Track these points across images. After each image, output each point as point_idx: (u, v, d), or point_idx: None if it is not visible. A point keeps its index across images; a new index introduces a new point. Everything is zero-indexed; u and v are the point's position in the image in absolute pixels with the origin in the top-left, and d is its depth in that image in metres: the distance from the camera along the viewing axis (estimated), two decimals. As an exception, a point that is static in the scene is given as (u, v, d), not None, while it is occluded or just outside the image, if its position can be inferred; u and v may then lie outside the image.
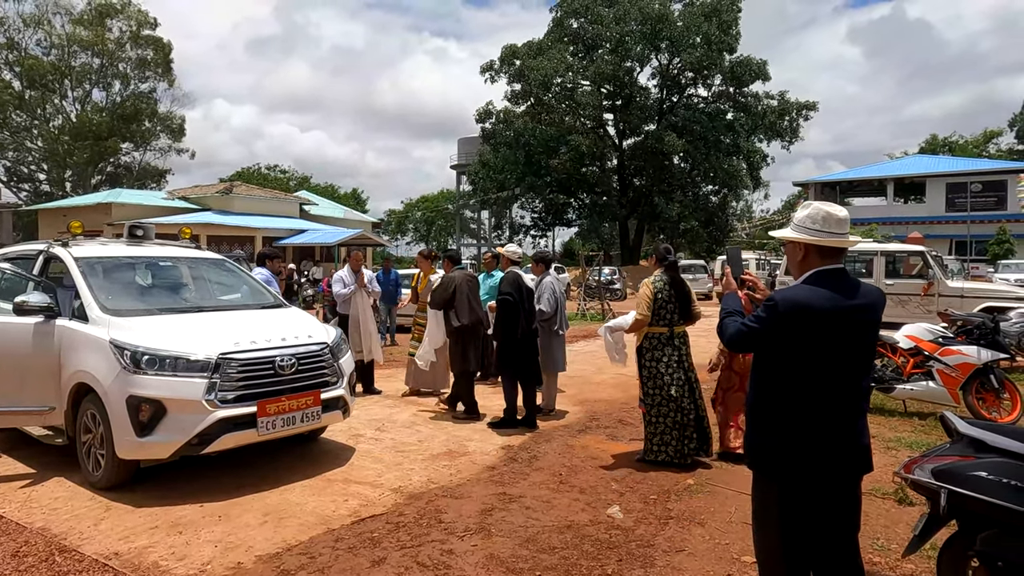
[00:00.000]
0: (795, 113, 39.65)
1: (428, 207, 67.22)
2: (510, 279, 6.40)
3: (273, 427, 4.47)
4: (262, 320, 5.13)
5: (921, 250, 12.47)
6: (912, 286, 11.93)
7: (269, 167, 59.39)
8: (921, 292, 11.84)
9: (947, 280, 12.17)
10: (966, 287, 11.98)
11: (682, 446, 5.08)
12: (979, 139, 56.34)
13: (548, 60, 36.02)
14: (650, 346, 5.18)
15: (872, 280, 12.62)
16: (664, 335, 5.18)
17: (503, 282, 6.42)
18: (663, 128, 37.26)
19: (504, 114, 39.48)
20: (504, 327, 6.29)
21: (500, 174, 40.89)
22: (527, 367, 6.36)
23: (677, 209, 37.00)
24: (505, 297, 6.28)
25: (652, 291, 5.19)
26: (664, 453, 5.09)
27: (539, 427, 6.23)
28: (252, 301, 5.71)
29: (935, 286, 11.77)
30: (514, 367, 6.29)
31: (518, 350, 6.28)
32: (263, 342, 4.60)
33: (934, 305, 11.69)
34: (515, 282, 6.39)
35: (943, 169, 39.42)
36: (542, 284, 8.03)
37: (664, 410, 5.09)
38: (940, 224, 36.34)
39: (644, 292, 5.27)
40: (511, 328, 6.27)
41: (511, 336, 6.27)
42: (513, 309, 6.28)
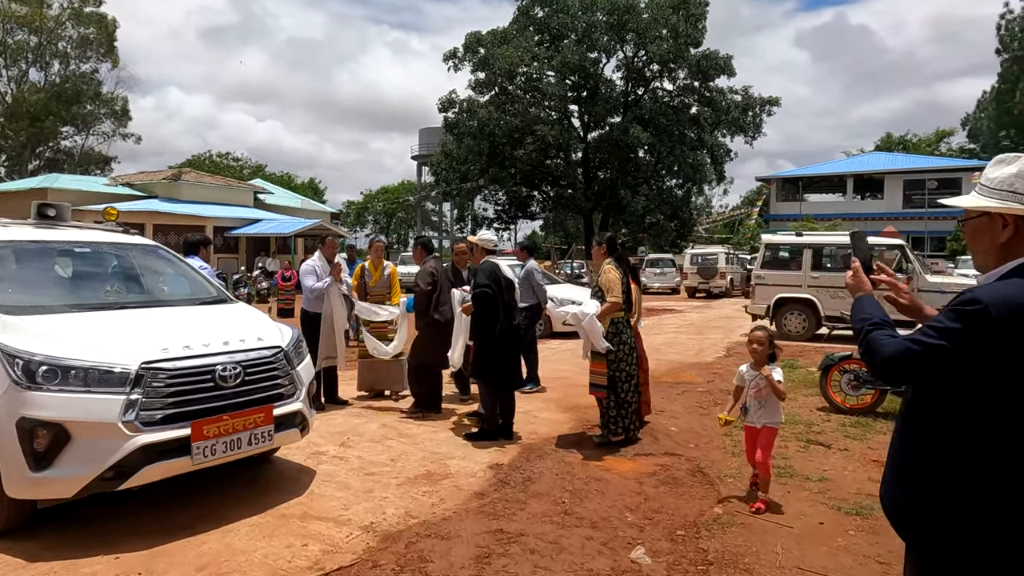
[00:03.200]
0: (758, 108, 39.63)
1: (388, 198, 65.72)
2: (487, 270, 5.60)
3: (212, 453, 3.59)
4: (201, 319, 4.22)
5: (900, 243, 12.11)
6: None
7: (221, 155, 56.99)
8: None
9: (926, 275, 11.86)
10: (945, 282, 11.66)
11: (629, 423, 5.31)
12: (931, 138, 57.75)
13: (514, 49, 35.23)
14: (616, 331, 5.25)
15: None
16: (624, 319, 5.34)
17: (479, 274, 5.62)
18: (629, 120, 36.83)
19: (467, 103, 38.48)
20: (482, 325, 5.50)
21: (463, 165, 39.93)
22: (508, 370, 5.59)
23: (643, 202, 36.66)
24: (483, 290, 5.48)
25: (619, 275, 5.28)
26: (619, 432, 5.27)
27: (518, 437, 5.50)
28: (190, 295, 4.78)
29: (915, 281, 11.42)
30: (494, 371, 5.51)
31: (498, 351, 5.50)
32: (200, 347, 3.70)
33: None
34: (492, 273, 5.60)
35: (900, 166, 40.09)
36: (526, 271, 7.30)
37: (625, 389, 5.25)
38: (898, 220, 36.63)
39: (612, 277, 5.26)
40: (490, 326, 5.48)
41: (490, 335, 5.48)
42: (491, 304, 5.49)
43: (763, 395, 4.08)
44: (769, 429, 4.11)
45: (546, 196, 42.58)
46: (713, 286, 23.28)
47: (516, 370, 5.70)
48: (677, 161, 37.25)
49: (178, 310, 4.33)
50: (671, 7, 35.51)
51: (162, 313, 4.19)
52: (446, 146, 40.63)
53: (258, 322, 4.38)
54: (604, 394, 5.18)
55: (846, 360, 6.51)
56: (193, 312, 4.35)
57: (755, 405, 4.12)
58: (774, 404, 4.10)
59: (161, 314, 4.16)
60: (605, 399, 5.22)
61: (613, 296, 5.13)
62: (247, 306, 4.77)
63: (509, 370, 5.61)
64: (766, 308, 12.38)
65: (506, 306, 5.73)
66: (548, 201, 42.68)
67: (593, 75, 38.01)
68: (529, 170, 38.75)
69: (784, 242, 13.07)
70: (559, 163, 40.20)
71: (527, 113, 37.25)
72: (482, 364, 5.53)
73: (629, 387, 5.26)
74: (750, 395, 4.15)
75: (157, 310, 4.23)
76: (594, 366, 5.21)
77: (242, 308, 4.69)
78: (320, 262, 6.47)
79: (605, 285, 5.20)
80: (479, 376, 5.66)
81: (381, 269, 6.98)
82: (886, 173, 39.62)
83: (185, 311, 4.35)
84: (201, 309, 4.46)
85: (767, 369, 4.04)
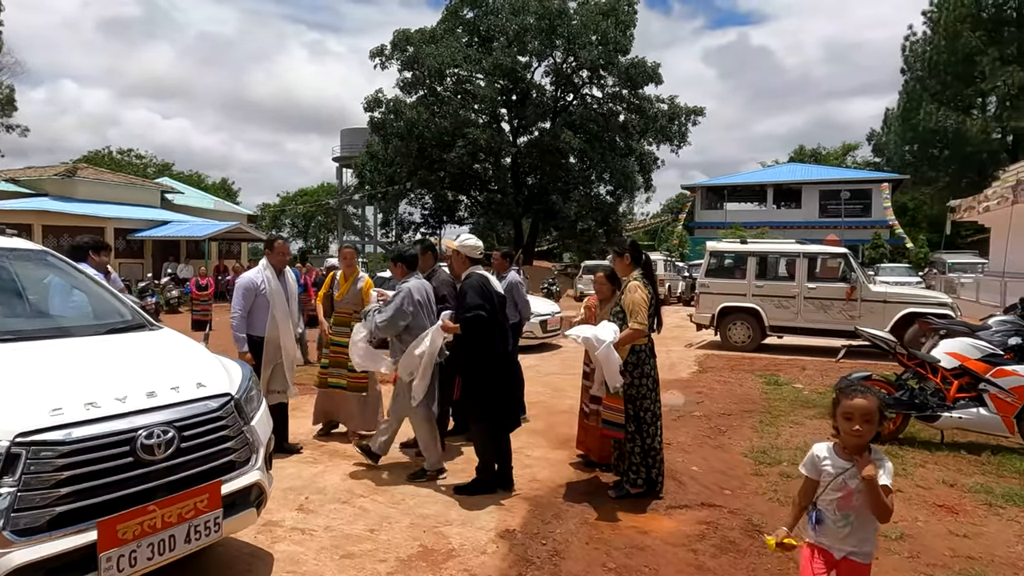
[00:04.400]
0: (683, 118, 40.28)
1: (307, 201, 62.89)
2: (475, 285, 4.54)
3: (132, 563, 2.40)
4: (111, 357, 2.99)
5: (844, 252, 11.93)
6: (834, 290, 11.32)
7: (122, 151, 52.75)
8: (845, 296, 11.26)
9: (870, 284, 11.71)
10: (889, 292, 11.54)
11: (657, 473, 4.43)
12: (838, 151, 60.91)
13: (444, 48, 34.19)
14: (638, 361, 4.37)
15: (795, 283, 12.02)
16: (648, 347, 4.45)
17: (468, 290, 4.55)
18: (559, 126, 36.54)
19: (394, 103, 37.05)
20: (474, 354, 4.47)
21: (390, 167, 38.52)
22: (507, 407, 4.60)
23: (575, 208, 36.45)
24: (477, 313, 4.44)
25: (647, 296, 4.36)
26: (639, 483, 4.36)
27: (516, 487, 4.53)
28: (93, 320, 3.51)
29: (858, 290, 11.24)
30: (490, 408, 4.50)
31: (495, 384, 4.50)
32: (112, 403, 2.51)
33: (856, 311, 11.15)
34: (483, 289, 4.57)
35: (815, 177, 41.73)
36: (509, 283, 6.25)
37: (651, 432, 4.36)
38: (815, 229, 37.95)
39: (639, 298, 4.34)
40: (483, 354, 4.47)
41: (484, 366, 4.47)
42: (486, 328, 4.48)
43: (855, 506, 2.33)
44: (856, 567, 2.35)
45: (475, 201, 41.72)
46: (652, 293, 22.97)
47: (515, 406, 4.70)
48: (608, 167, 37.25)
49: (77, 343, 3.07)
50: (601, 13, 35.54)
51: (53, 349, 2.92)
52: (371, 147, 39.08)
53: (195, 358, 3.18)
54: (622, 435, 4.26)
55: (866, 380, 5.88)
56: (99, 346, 3.10)
57: (837, 519, 2.35)
58: (868, 523, 2.35)
59: (52, 351, 2.90)
60: (626, 442, 4.31)
61: (638, 321, 4.22)
62: (174, 333, 3.54)
63: (508, 407, 4.62)
64: (711, 317, 12.00)
65: (501, 329, 4.74)
66: (477, 206, 41.82)
67: (523, 79, 37.53)
68: (458, 174, 37.77)
69: (729, 250, 12.72)
70: (488, 167, 39.47)
71: (457, 115, 36.24)
72: (474, 401, 4.49)
73: (656, 429, 4.36)
74: (831, 501, 2.36)
75: (45, 345, 2.96)
76: (610, 401, 4.28)
77: (169, 337, 3.45)
78: (266, 272, 5.17)
79: (629, 307, 4.28)
80: (470, 415, 4.62)
81: (352, 280, 5.76)
82: (804, 183, 41.09)
83: (87, 344, 3.09)
84: (111, 341, 3.21)
85: (871, 467, 2.26)
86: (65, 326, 3.32)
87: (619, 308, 4.38)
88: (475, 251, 4.78)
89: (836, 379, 8.92)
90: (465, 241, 4.78)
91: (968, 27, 35.29)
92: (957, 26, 35.43)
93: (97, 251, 4.72)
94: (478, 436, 4.62)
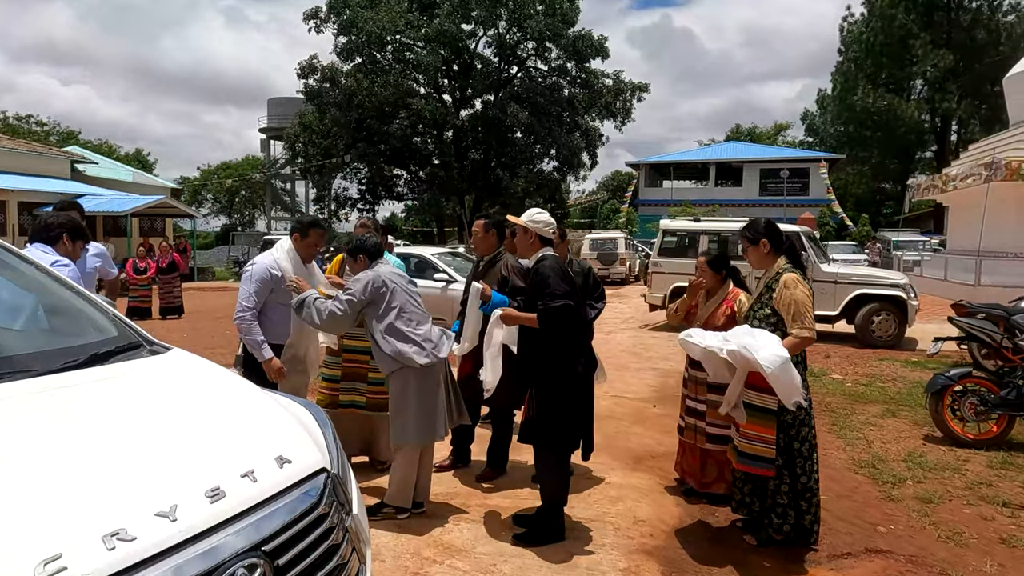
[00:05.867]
0: (629, 94, 39.75)
1: (232, 175, 59.10)
2: (557, 269, 3.48)
3: None
4: (117, 414, 1.74)
5: (795, 231, 11.45)
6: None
7: (20, 117, 47.64)
8: None
9: (821, 264, 11.19)
10: (840, 272, 11.02)
11: (813, 520, 3.40)
12: (770, 131, 62.21)
13: (385, 12, 32.16)
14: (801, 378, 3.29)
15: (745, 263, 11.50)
16: (802, 355, 3.40)
17: (547, 275, 3.44)
18: (506, 99, 35.30)
19: (330, 70, 34.75)
20: (554, 358, 3.42)
21: (326, 139, 36.30)
22: (584, 429, 3.56)
23: (522, 184, 35.46)
24: (565, 302, 3.38)
25: (809, 292, 3.35)
26: (787, 527, 3.37)
27: (620, 529, 3.53)
28: (56, 340, 2.23)
29: (810, 270, 10.79)
30: (566, 430, 3.46)
31: (575, 400, 3.47)
32: (149, 525, 1.31)
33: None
34: (564, 274, 3.53)
35: (755, 156, 42.23)
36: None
37: (807, 468, 3.35)
38: (755, 207, 38.45)
39: (802, 296, 3.30)
40: (567, 360, 3.43)
41: (567, 376, 3.42)
42: (575, 323, 3.44)
43: None
44: None
45: (415, 176, 40.02)
46: (613, 273, 22.34)
47: (591, 428, 3.65)
48: (556, 143, 36.35)
49: (46, 390, 1.78)
50: (548, -19, 34.31)
51: (6, 408, 1.66)
52: (305, 117, 36.70)
53: (251, 405, 1.97)
54: (771, 472, 3.28)
55: (966, 378, 5.18)
56: (87, 392, 1.83)
57: None
58: None
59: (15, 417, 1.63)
60: (768, 479, 3.34)
61: (807, 326, 3.23)
62: (191, 357, 2.29)
63: (585, 428, 3.57)
64: (663, 298, 11.35)
65: (586, 326, 3.71)
66: (417, 181, 40.15)
67: (467, 49, 35.98)
68: (399, 147, 35.99)
69: (681, 228, 12.15)
70: (429, 141, 37.84)
71: (399, 85, 34.37)
72: (550, 421, 3.42)
73: (813, 464, 3.37)
74: None
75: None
76: (754, 427, 3.28)
77: (189, 365, 2.21)
78: (288, 262, 3.83)
79: (790, 307, 3.26)
80: (538, 440, 3.52)
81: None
82: (745, 162, 41.48)
83: (66, 389, 1.81)
84: (101, 380, 1.94)
85: None
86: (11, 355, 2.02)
87: (769, 310, 3.38)
88: (548, 229, 3.68)
89: (867, 367, 8.37)
90: (536, 216, 3.66)
91: (903, 10, 36.16)
92: (892, 9, 36.24)
93: (74, 235, 3.31)
94: (547, 466, 3.55)
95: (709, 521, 3.79)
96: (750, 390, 3.21)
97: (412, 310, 3.61)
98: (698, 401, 4.02)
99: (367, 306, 3.56)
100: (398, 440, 3.57)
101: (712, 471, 4.01)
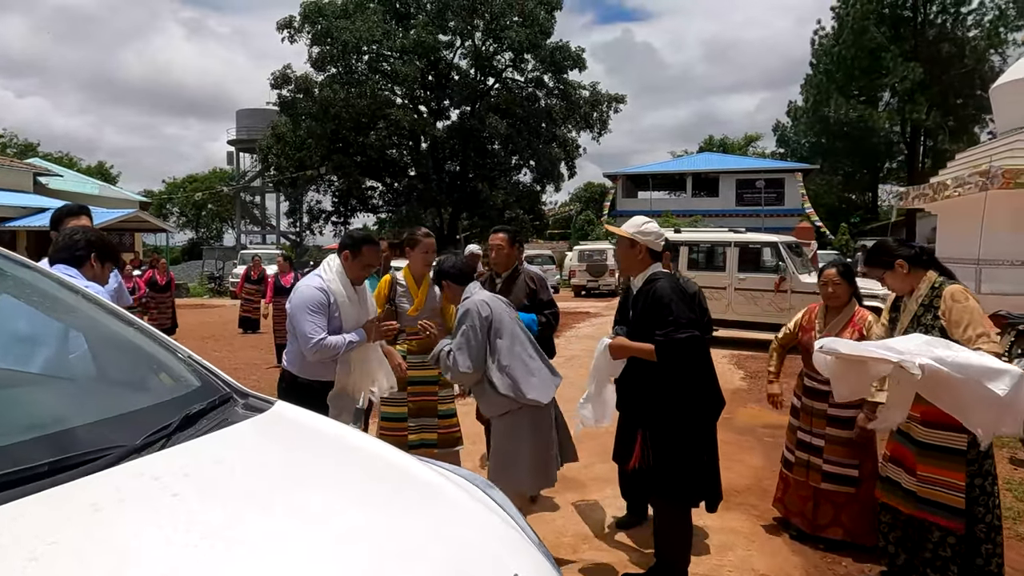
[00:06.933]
0: (605, 105, 39.74)
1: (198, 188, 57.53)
2: (679, 291, 3.03)
3: None
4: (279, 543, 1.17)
5: (774, 240, 11.31)
6: (765, 280, 10.67)
7: (-27, 129, 45.71)
8: (774, 287, 10.60)
9: (799, 275, 10.94)
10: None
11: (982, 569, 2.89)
12: (741, 142, 63.02)
13: (362, 22, 31.59)
14: None
15: (725, 273, 11.31)
16: None
17: (668, 298, 2.93)
18: (484, 110, 34.96)
19: (304, 81, 33.98)
20: (679, 396, 2.93)
21: (300, 151, 35.47)
22: (712, 477, 3.08)
23: (502, 196, 35.08)
24: (691, 333, 2.90)
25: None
26: None
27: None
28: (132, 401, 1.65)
29: (788, 281, 10.63)
30: (697, 480, 2.98)
31: (707, 443, 3.00)
32: None
33: (787, 302, 10.51)
34: (686, 296, 3.07)
35: (731, 167, 42.55)
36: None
37: (992, 502, 2.90)
38: (732, 217, 38.68)
39: (975, 306, 2.88)
40: (694, 398, 2.95)
41: (694, 417, 2.95)
42: (701, 355, 2.98)
43: None
44: None
45: (390, 188, 39.33)
46: (603, 284, 22.02)
47: (718, 475, 3.17)
48: (535, 154, 36.08)
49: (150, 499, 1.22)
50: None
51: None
52: (278, 128, 35.78)
53: (433, 492, 1.44)
54: (961, 525, 2.83)
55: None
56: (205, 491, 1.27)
57: None
58: None
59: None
60: (962, 533, 2.85)
61: (992, 338, 2.82)
62: (305, 414, 1.75)
63: (712, 477, 3.09)
64: None
65: (710, 361, 3.22)
66: (392, 194, 39.45)
67: (444, 60, 35.58)
68: (376, 158, 35.32)
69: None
70: (405, 152, 37.27)
71: (376, 95, 33.75)
72: (672, 470, 2.94)
73: (998, 500, 2.92)
74: None
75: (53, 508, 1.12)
76: (938, 471, 2.82)
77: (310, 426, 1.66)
78: (339, 285, 3.21)
79: (964, 319, 2.80)
80: (659, 491, 3.03)
81: (426, 285, 3.99)
82: (721, 173, 41.75)
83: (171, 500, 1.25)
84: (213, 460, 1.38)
85: None
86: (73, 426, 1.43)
87: (938, 331, 2.90)
88: (660, 240, 3.20)
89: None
90: (644, 227, 3.17)
91: (872, 24, 36.86)
92: (863, 22, 36.92)
93: (103, 256, 2.71)
94: (668, 521, 3.07)
95: (838, 571, 3.32)
96: (930, 428, 2.76)
97: (522, 336, 3.10)
98: (814, 435, 3.58)
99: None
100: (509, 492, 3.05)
101: (827, 513, 3.57)
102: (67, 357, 1.90)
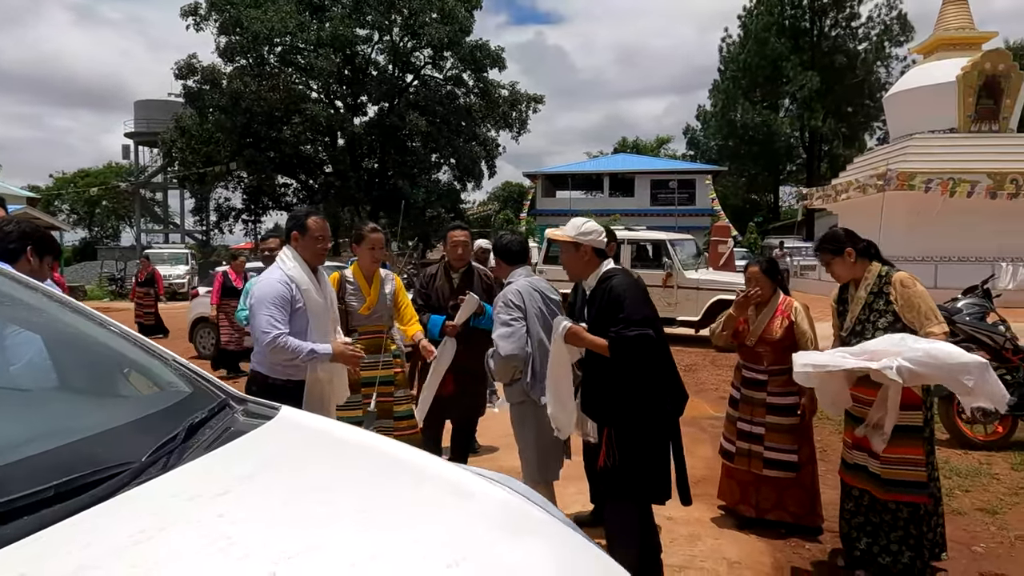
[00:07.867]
0: (524, 105, 40.04)
1: (91, 183, 53.63)
2: (634, 287, 3.03)
3: None
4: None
5: (662, 238, 12.00)
6: (655, 276, 11.21)
7: None
8: (661, 283, 11.18)
9: (684, 271, 11.52)
10: (702, 279, 11.48)
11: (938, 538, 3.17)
12: (653, 144, 65.15)
13: (274, 13, 30.35)
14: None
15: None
16: None
17: (623, 295, 2.91)
18: (404, 107, 34.41)
19: (211, 72, 32.33)
20: (637, 394, 2.92)
21: (207, 145, 33.74)
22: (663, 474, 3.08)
23: (423, 194, 34.65)
24: (643, 332, 2.88)
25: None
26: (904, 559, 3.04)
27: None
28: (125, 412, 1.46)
29: (674, 277, 11.26)
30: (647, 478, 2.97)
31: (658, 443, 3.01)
32: None
33: (673, 297, 11.17)
34: (640, 293, 3.08)
35: (646, 168, 43.92)
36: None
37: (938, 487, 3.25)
38: (648, 217, 39.89)
39: (924, 291, 3.05)
40: (652, 397, 2.95)
41: (652, 416, 2.95)
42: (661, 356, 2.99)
43: None
44: None
45: (304, 185, 38.06)
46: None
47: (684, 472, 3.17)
48: (455, 152, 35.87)
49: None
50: (443, -12, 33.86)
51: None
52: (183, 121, 33.84)
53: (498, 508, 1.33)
54: (928, 498, 3.01)
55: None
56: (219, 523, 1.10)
57: None
58: None
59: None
60: (919, 506, 3.02)
61: (941, 321, 2.98)
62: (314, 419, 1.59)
63: (664, 474, 3.08)
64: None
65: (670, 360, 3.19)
66: (307, 191, 38.19)
67: (362, 55, 34.77)
68: (291, 154, 34.07)
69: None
70: (320, 149, 36.19)
71: (290, 89, 32.54)
72: (633, 468, 2.92)
73: (937, 484, 3.16)
74: None
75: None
76: (898, 450, 2.95)
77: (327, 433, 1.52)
78: (298, 271, 2.98)
79: (916, 305, 2.98)
80: (617, 490, 3.00)
81: (377, 282, 3.82)
82: (636, 173, 42.99)
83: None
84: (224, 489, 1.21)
85: None
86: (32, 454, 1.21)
87: (891, 316, 3.07)
88: (602, 237, 3.15)
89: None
90: (584, 227, 3.07)
91: (774, 34, 38.98)
92: (765, 33, 38.98)
93: (42, 249, 2.37)
94: (624, 522, 3.03)
95: (804, 555, 3.42)
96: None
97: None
98: (754, 424, 3.71)
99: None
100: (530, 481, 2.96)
101: (770, 496, 3.70)
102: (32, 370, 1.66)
